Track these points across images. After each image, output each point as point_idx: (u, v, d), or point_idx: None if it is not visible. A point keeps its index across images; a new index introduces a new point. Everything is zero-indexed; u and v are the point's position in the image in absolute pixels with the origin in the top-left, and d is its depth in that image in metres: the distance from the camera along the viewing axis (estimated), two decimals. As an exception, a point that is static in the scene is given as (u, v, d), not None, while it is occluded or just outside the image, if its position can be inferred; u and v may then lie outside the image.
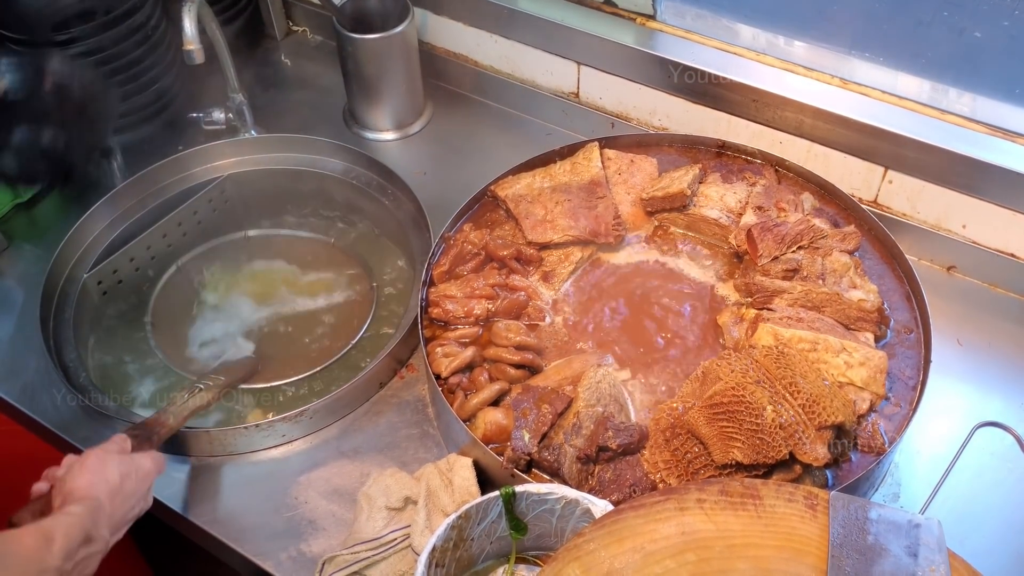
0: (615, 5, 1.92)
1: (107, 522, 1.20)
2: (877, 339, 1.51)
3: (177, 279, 1.95)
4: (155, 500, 1.47)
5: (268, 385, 1.71)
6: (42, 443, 1.64)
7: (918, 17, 1.63)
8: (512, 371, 1.49)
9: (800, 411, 1.29)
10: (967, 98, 1.67)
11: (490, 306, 1.57)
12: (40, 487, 1.25)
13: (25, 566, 1.07)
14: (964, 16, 1.58)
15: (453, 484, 1.39)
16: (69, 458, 1.27)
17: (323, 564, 1.36)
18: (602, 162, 1.78)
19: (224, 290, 1.94)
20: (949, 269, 1.76)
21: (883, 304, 1.54)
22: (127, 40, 1.84)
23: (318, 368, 1.71)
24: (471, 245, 1.66)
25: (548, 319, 1.60)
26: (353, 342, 1.76)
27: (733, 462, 1.29)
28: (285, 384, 1.70)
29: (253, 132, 2.02)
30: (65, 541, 1.11)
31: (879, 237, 1.66)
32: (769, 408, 1.28)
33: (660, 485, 1.34)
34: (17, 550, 1.08)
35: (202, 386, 1.54)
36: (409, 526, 1.37)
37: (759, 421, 1.28)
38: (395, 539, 1.37)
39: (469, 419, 1.44)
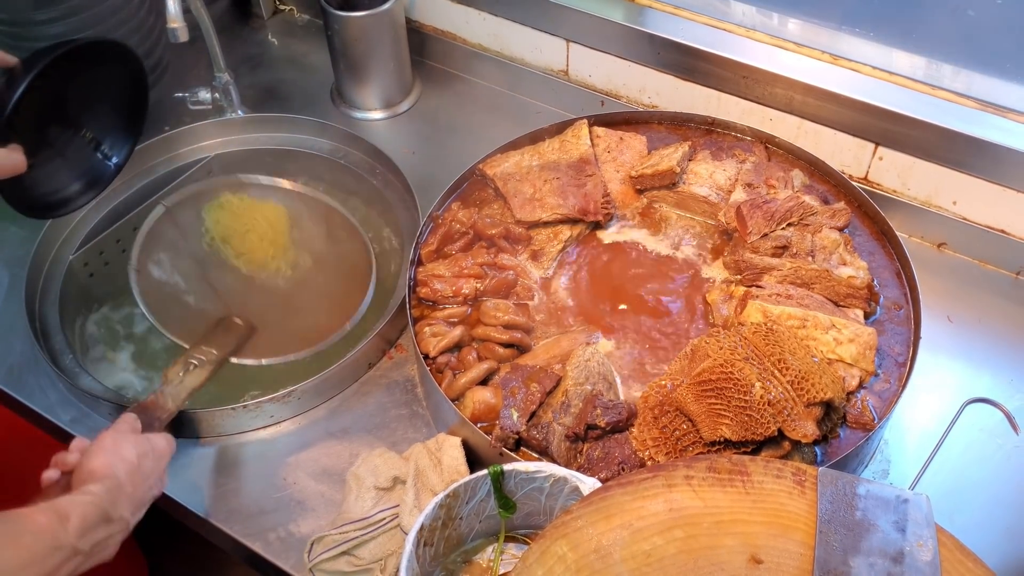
0: (604, -19, 1.90)
1: (127, 502, 1.18)
2: (867, 316, 1.51)
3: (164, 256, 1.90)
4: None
5: (259, 363, 1.64)
6: (29, 426, 1.63)
7: (911, -6, 1.62)
8: (500, 350, 1.48)
9: (789, 388, 1.29)
10: (958, 74, 1.67)
11: (478, 285, 1.56)
12: (50, 475, 1.22)
13: (36, 543, 1.04)
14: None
15: (442, 463, 1.38)
16: (78, 441, 1.25)
17: (312, 544, 1.36)
18: (591, 140, 1.77)
19: (215, 264, 1.90)
20: (939, 246, 1.75)
21: (873, 281, 1.54)
22: (110, 19, 1.82)
23: (315, 348, 1.64)
24: (459, 224, 1.65)
25: (537, 298, 1.60)
26: (355, 319, 1.68)
27: (721, 439, 1.29)
28: (276, 362, 1.64)
29: (240, 112, 2.00)
30: (81, 520, 1.09)
31: (869, 214, 1.65)
32: (758, 385, 1.28)
33: (649, 463, 1.34)
34: (28, 527, 1.05)
35: (195, 362, 1.51)
36: (398, 506, 1.37)
37: (747, 398, 1.27)
38: (384, 519, 1.36)
39: (457, 398, 1.43)
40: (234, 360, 1.58)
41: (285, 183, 1.86)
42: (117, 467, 1.19)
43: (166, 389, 1.46)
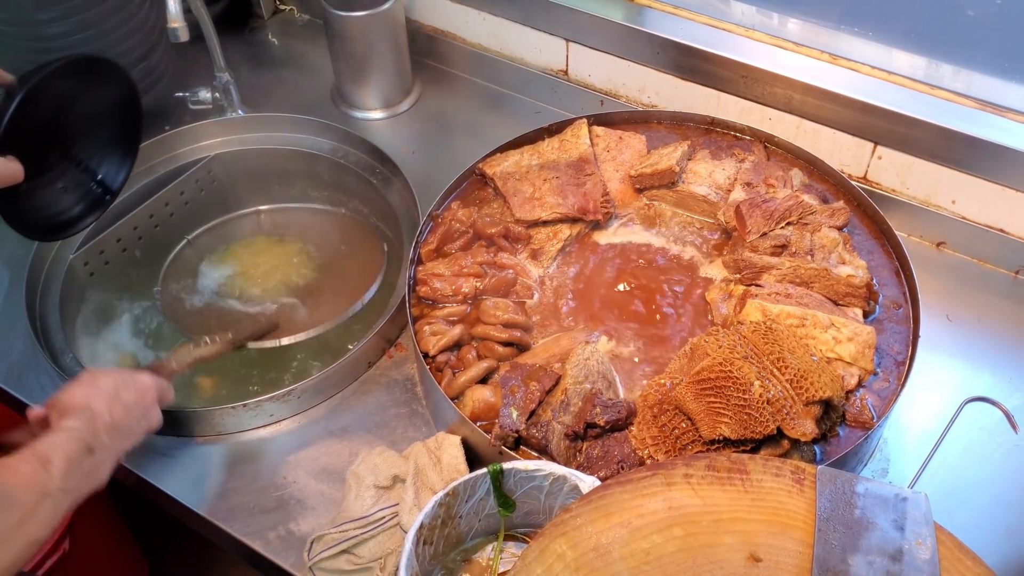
0: (604, -19, 1.91)
1: (106, 430, 1.17)
2: (866, 315, 1.51)
3: (165, 257, 1.94)
4: (144, 481, 1.48)
5: (276, 343, 1.67)
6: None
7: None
8: (500, 349, 1.48)
9: (788, 386, 1.29)
10: (956, 73, 1.67)
11: (478, 284, 1.56)
12: (36, 411, 1.22)
13: (25, 496, 1.03)
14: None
15: (441, 462, 1.39)
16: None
17: (312, 543, 1.36)
18: (590, 139, 1.77)
19: (214, 266, 1.92)
20: (939, 245, 1.75)
21: (872, 280, 1.54)
22: (111, 18, 1.82)
23: (318, 330, 1.69)
24: (459, 223, 1.65)
25: (536, 297, 1.60)
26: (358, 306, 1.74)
27: (721, 437, 1.29)
28: (290, 343, 1.68)
29: (240, 111, 2.01)
30: (64, 460, 1.08)
31: (868, 213, 1.65)
32: (757, 383, 1.28)
33: (648, 461, 1.34)
34: (14, 481, 1.04)
35: (208, 340, 1.50)
36: (397, 504, 1.37)
37: (747, 396, 1.27)
38: (383, 517, 1.36)
39: (457, 397, 1.43)
40: (252, 345, 1.61)
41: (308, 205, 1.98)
42: (93, 398, 1.19)
43: (173, 356, 1.45)
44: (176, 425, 1.52)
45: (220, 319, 1.83)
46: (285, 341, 1.65)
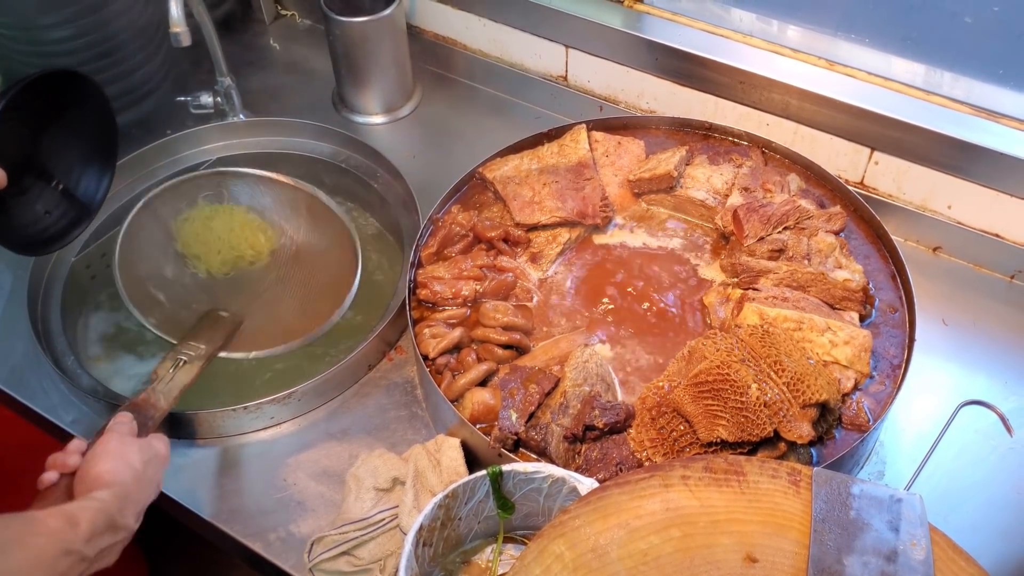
0: (603, -13, 1.92)
1: (132, 509, 1.17)
2: (862, 318, 1.52)
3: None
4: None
5: (245, 355, 1.60)
6: (30, 427, 1.64)
7: (909, 2, 1.63)
8: (500, 351, 1.49)
9: (785, 389, 1.30)
10: (953, 80, 1.68)
11: (478, 287, 1.57)
12: (49, 476, 1.20)
13: (48, 546, 1.04)
14: (955, 1, 1.58)
15: (441, 464, 1.39)
16: (76, 443, 1.24)
17: (312, 544, 1.37)
18: (589, 144, 1.78)
19: (213, 266, 1.90)
20: (935, 249, 1.76)
21: (868, 284, 1.55)
22: (113, 23, 1.84)
23: (295, 343, 1.60)
24: (459, 227, 1.66)
25: (536, 300, 1.61)
26: (335, 319, 1.63)
27: (718, 440, 1.30)
28: (262, 354, 1.59)
29: (241, 116, 2.02)
30: (90, 526, 1.08)
31: (865, 218, 1.67)
32: (754, 386, 1.29)
33: (646, 463, 1.35)
34: (40, 530, 1.05)
35: (184, 358, 1.48)
36: (397, 506, 1.37)
37: (744, 399, 1.29)
38: (383, 519, 1.37)
39: (457, 399, 1.44)
40: (223, 355, 1.56)
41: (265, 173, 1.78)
42: (124, 474, 1.18)
43: (157, 387, 1.43)
44: (177, 427, 1.52)
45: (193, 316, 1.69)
46: (253, 355, 1.58)
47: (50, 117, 1.46)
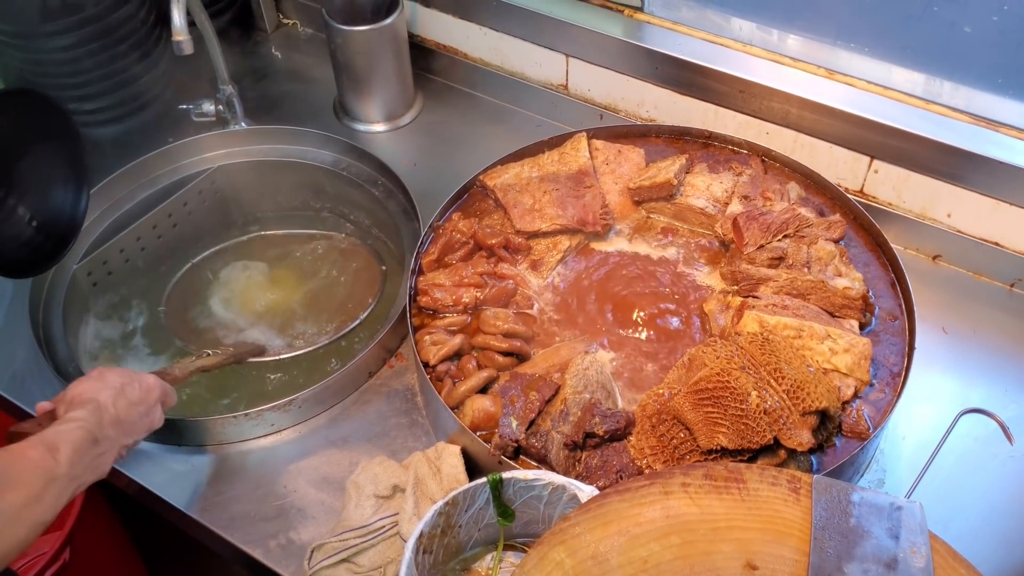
0: (603, -4, 1.93)
1: (111, 423, 1.21)
2: (862, 326, 1.52)
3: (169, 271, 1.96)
4: (145, 490, 1.49)
5: (268, 359, 1.77)
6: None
7: (908, 12, 1.64)
8: (500, 359, 1.50)
9: (785, 397, 1.30)
10: (952, 89, 1.68)
11: (478, 294, 1.57)
12: (44, 404, 1.26)
13: (32, 479, 1.06)
14: (954, 11, 1.59)
15: (441, 472, 1.39)
16: None
17: (312, 551, 1.37)
18: (590, 152, 1.79)
19: (218, 282, 1.94)
20: (934, 258, 1.77)
21: (868, 292, 1.56)
22: (116, 31, 1.84)
23: (310, 348, 1.77)
24: (460, 234, 1.66)
25: (536, 307, 1.61)
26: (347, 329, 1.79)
27: (718, 447, 1.30)
28: (279, 358, 1.77)
29: (243, 124, 2.02)
30: (70, 448, 1.12)
31: (864, 226, 1.67)
32: (754, 394, 1.29)
33: (646, 471, 1.35)
34: (22, 463, 1.07)
35: (210, 352, 1.57)
36: (397, 514, 1.37)
37: (744, 407, 1.29)
38: (383, 526, 1.37)
39: (457, 406, 1.44)
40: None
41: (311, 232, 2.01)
42: (100, 392, 1.23)
43: (176, 364, 1.50)
44: (178, 434, 1.53)
45: (218, 335, 1.86)
46: (285, 355, 1.72)
47: (14, 139, 1.46)
